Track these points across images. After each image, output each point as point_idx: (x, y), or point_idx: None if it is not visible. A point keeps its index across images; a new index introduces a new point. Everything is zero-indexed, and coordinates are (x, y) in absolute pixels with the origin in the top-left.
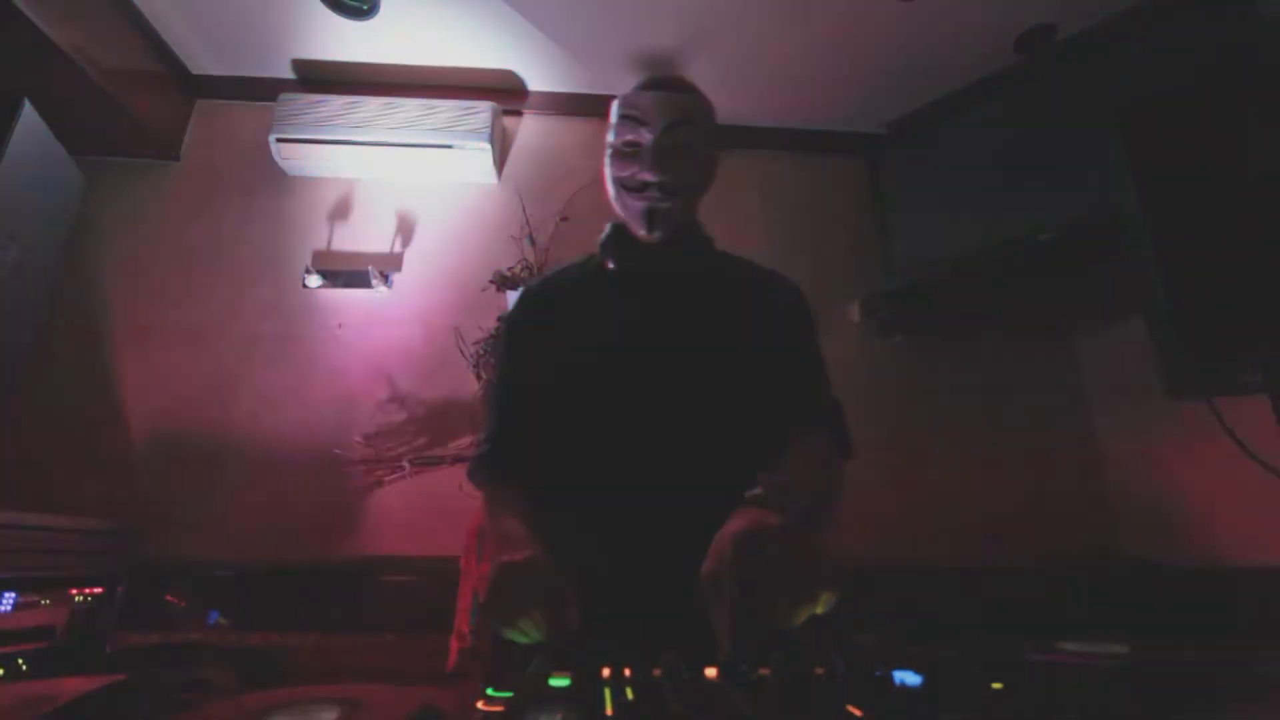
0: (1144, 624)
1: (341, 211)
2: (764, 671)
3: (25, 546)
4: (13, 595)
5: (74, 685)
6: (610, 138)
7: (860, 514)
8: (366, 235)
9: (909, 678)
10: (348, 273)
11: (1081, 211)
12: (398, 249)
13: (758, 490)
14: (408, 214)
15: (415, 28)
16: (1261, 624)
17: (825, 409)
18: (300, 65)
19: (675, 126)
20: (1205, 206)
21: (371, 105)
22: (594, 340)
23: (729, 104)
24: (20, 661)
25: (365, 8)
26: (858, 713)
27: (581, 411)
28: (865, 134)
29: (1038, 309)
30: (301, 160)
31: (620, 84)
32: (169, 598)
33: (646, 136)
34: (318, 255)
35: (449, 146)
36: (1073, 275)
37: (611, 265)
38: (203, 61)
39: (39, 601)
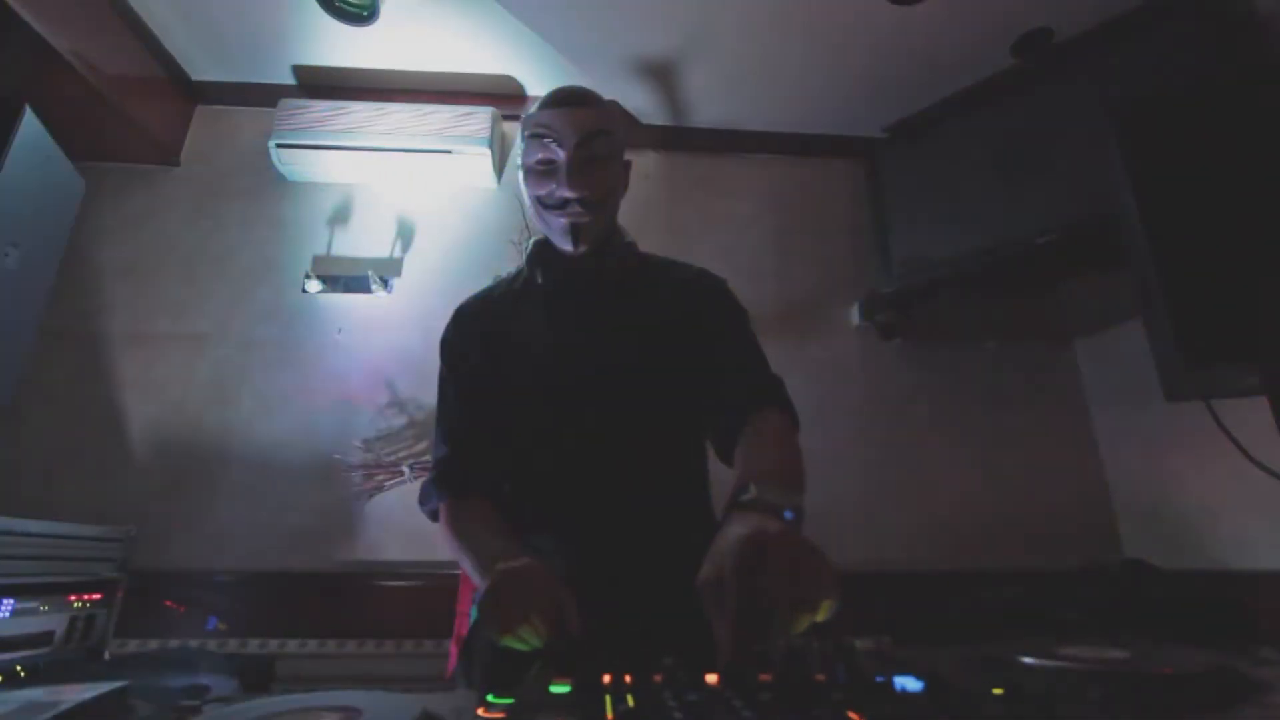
0: (1145, 627)
1: (341, 216)
2: (765, 678)
3: (24, 553)
4: (11, 602)
5: (72, 692)
6: (522, 158)
7: (860, 518)
8: (366, 240)
9: (910, 683)
10: (347, 278)
11: (1079, 214)
12: (397, 254)
13: (752, 493)
14: (407, 219)
15: (415, 33)
16: (1262, 627)
17: (772, 385)
18: (300, 71)
19: (588, 141)
20: (1202, 208)
21: (371, 111)
22: (531, 354)
23: (726, 108)
24: (19, 668)
25: (365, 14)
26: (858, 719)
27: (530, 426)
28: (864, 137)
29: (1036, 312)
30: (301, 165)
31: (620, 89)
32: (168, 604)
33: (560, 154)
34: (317, 260)
35: (448, 151)
36: (1071, 278)
37: (540, 280)
38: (203, 67)
39: (37, 608)
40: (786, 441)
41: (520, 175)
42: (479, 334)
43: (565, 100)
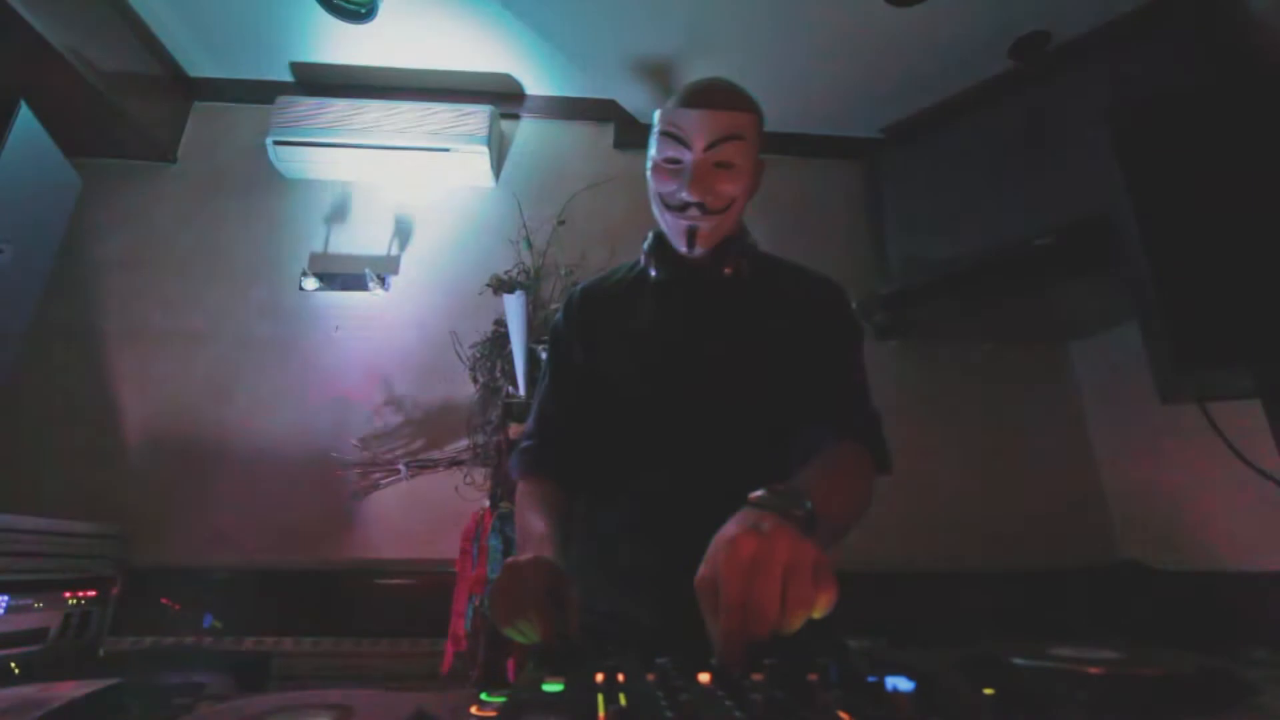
0: (1140, 628)
1: (339, 214)
2: (757, 676)
3: (19, 549)
4: (5, 598)
5: (66, 689)
6: (651, 151)
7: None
8: (363, 238)
9: (902, 683)
10: (344, 275)
11: (1076, 217)
12: (394, 252)
13: (761, 492)
14: (405, 217)
15: (413, 31)
16: (1256, 628)
17: (866, 420)
18: (298, 68)
19: (717, 145)
20: (1198, 212)
21: (369, 108)
22: (636, 348)
23: None
24: (13, 665)
25: (363, 11)
26: (850, 719)
27: (623, 415)
28: (862, 138)
29: (1033, 314)
30: (299, 163)
31: (618, 88)
32: (163, 601)
33: (687, 155)
34: (314, 258)
35: (446, 150)
36: (1067, 280)
37: (654, 274)
38: (200, 64)
39: (32, 604)
40: (853, 473)
41: (647, 168)
42: (588, 322)
43: (701, 100)
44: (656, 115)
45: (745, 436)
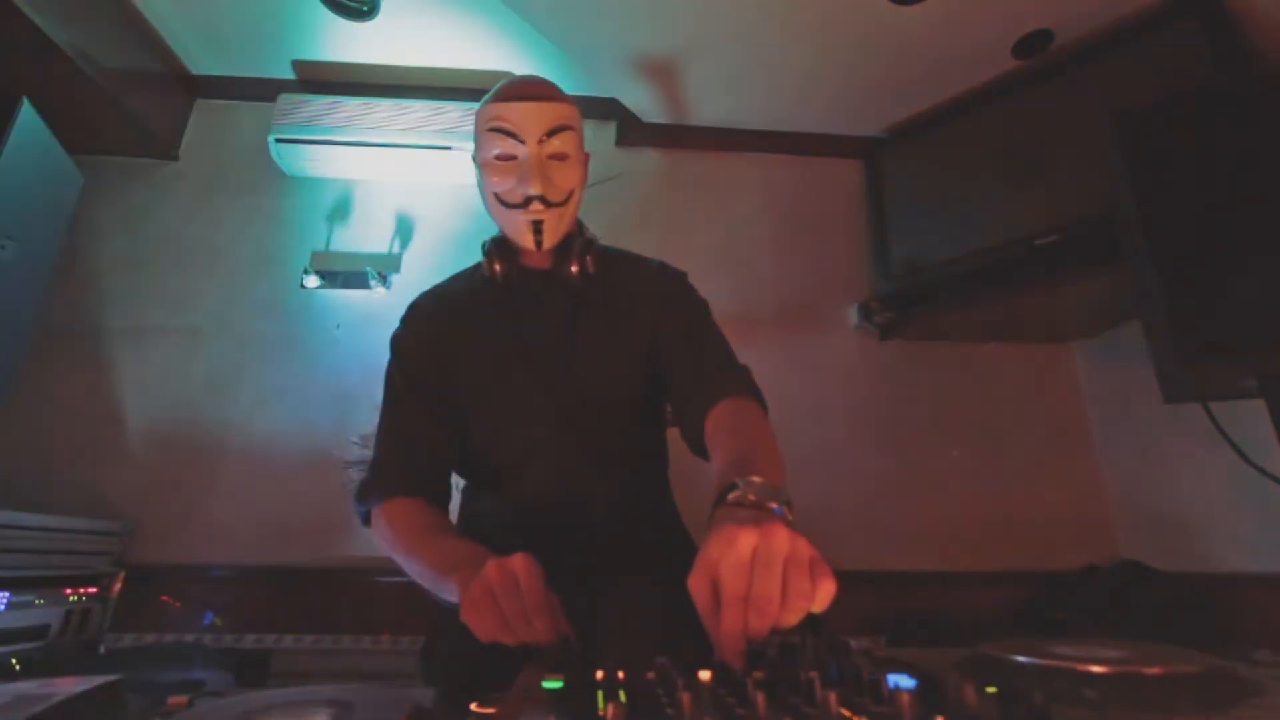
0: (1142, 629)
1: (340, 212)
2: (757, 675)
3: (20, 546)
4: (6, 594)
5: (66, 685)
6: (480, 151)
7: (856, 517)
8: (365, 236)
9: (903, 681)
10: (346, 273)
11: (1079, 216)
12: (396, 250)
13: (738, 489)
14: (406, 215)
15: (415, 29)
16: (1259, 629)
17: (739, 373)
18: (300, 66)
19: (551, 136)
20: (1201, 211)
21: (371, 106)
22: (489, 352)
23: (727, 106)
24: (14, 661)
25: (365, 9)
26: (851, 716)
27: (487, 425)
28: (864, 137)
29: (1035, 313)
30: (300, 161)
31: (620, 86)
32: (164, 598)
33: (521, 149)
34: (316, 256)
35: (448, 148)
36: (1070, 280)
37: (499, 277)
38: (202, 61)
39: (33, 601)
40: (759, 430)
41: (476, 170)
42: (434, 332)
43: (526, 93)
44: (478, 117)
45: (616, 430)
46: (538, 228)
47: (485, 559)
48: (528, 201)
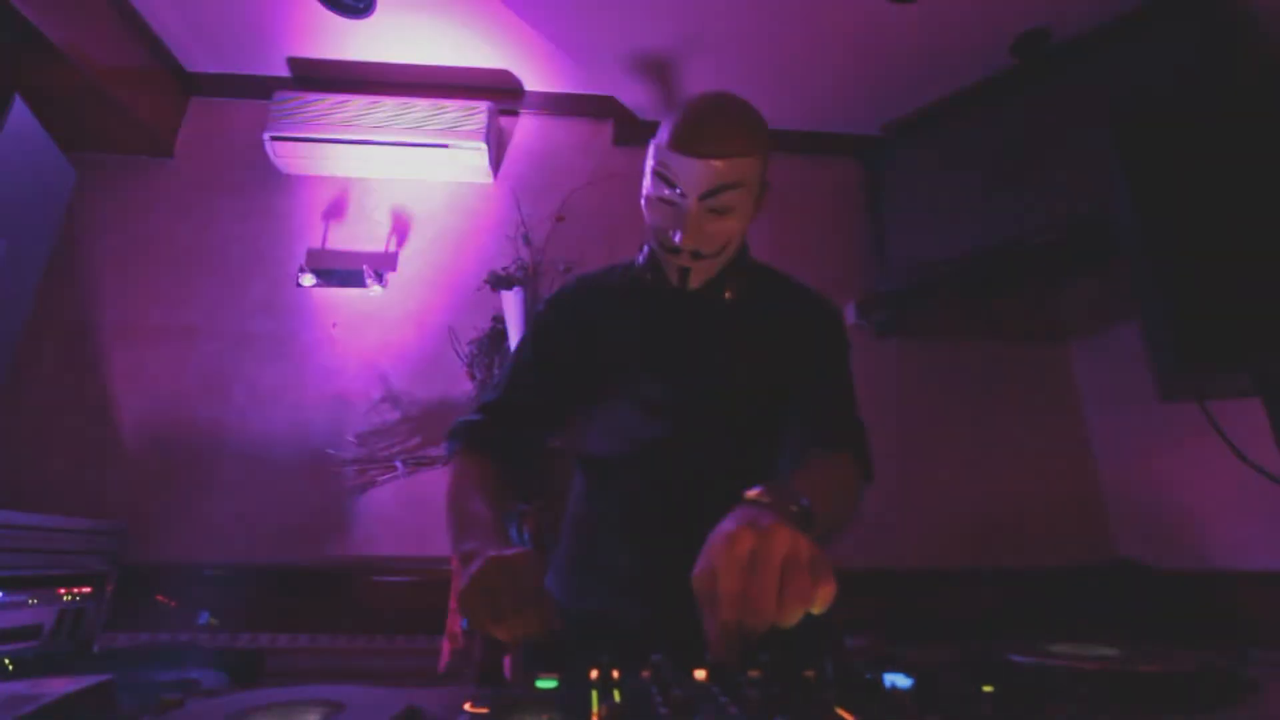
0: (1138, 627)
1: (336, 210)
2: (753, 673)
3: (13, 545)
4: (0, 594)
5: (58, 685)
6: (646, 183)
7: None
8: (361, 234)
9: (899, 680)
10: (342, 272)
11: (1076, 215)
12: (392, 248)
13: (756, 492)
14: (403, 213)
15: (412, 27)
16: (1255, 627)
17: (853, 430)
18: (296, 63)
19: (713, 195)
20: (1198, 210)
21: (367, 104)
22: (625, 351)
23: None
24: (6, 661)
25: (361, 6)
26: (847, 715)
27: (613, 421)
28: (862, 136)
29: (1032, 312)
30: (296, 158)
31: (617, 84)
32: (159, 597)
33: (681, 201)
34: (312, 254)
35: (445, 146)
36: (1067, 278)
37: (650, 280)
38: (198, 58)
39: (26, 600)
40: (837, 479)
41: (642, 196)
42: (578, 317)
43: (697, 146)
44: (651, 148)
45: (736, 445)
46: (684, 275)
47: (484, 548)
48: (678, 251)
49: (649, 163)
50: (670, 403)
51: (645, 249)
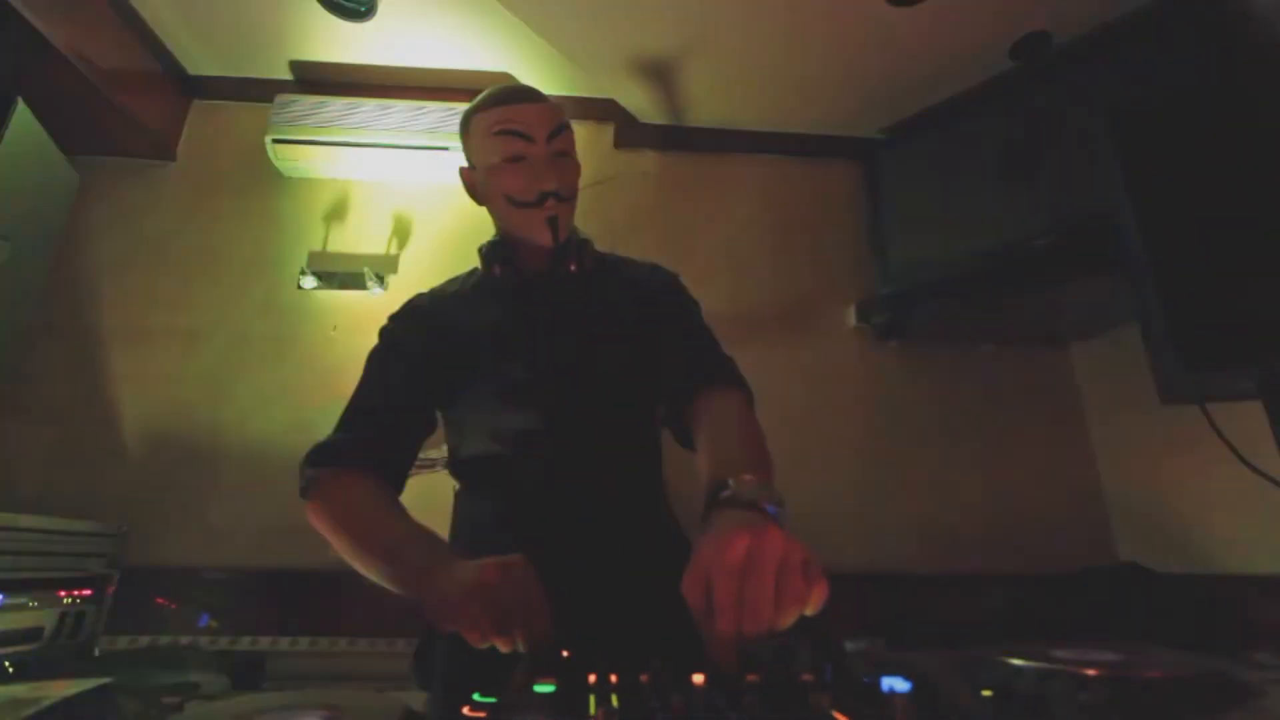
0: (1140, 631)
1: (337, 213)
2: (751, 678)
3: (13, 548)
4: (0, 596)
5: (58, 688)
6: (482, 156)
7: (854, 519)
8: (362, 237)
9: (898, 684)
10: (343, 274)
11: (1077, 217)
12: (394, 251)
13: (730, 489)
14: (404, 216)
15: (413, 30)
16: (1257, 631)
17: (723, 363)
18: (297, 67)
19: (556, 135)
20: (1198, 212)
21: (368, 107)
22: (485, 348)
23: (725, 107)
24: (7, 664)
25: (363, 9)
26: None
27: (482, 420)
28: (862, 138)
29: (1033, 315)
30: (298, 161)
31: (617, 87)
32: (159, 600)
33: (532, 148)
34: (313, 256)
35: (446, 149)
36: (1068, 281)
37: (499, 276)
38: (200, 62)
39: (26, 603)
40: (745, 423)
41: (479, 175)
42: (428, 326)
43: (526, 96)
44: (475, 122)
45: (609, 421)
46: (554, 223)
47: (453, 559)
48: (543, 199)
49: (487, 130)
50: (535, 387)
51: (485, 250)
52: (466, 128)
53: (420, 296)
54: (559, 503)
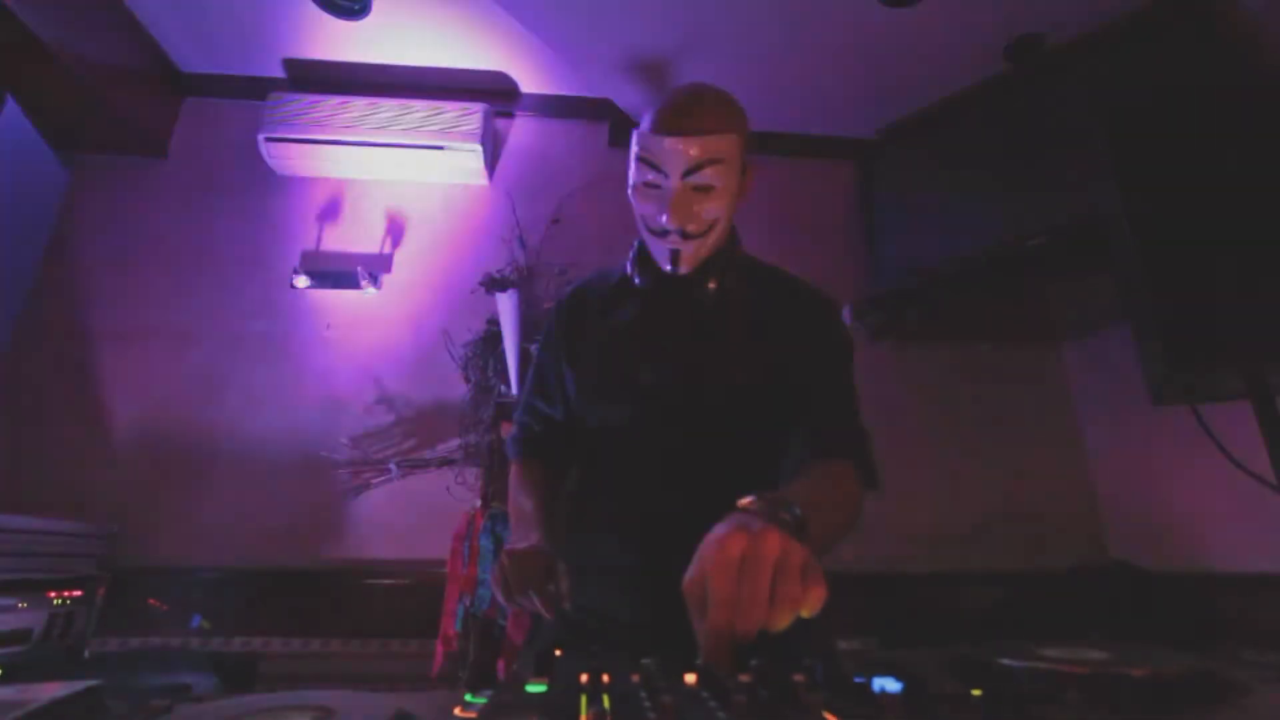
0: (1130, 629)
1: (331, 212)
2: (743, 678)
3: (3, 548)
4: None
5: (45, 690)
6: (630, 173)
7: None
8: (356, 236)
9: (889, 684)
10: (336, 273)
11: (1069, 218)
12: (387, 250)
13: (749, 499)
14: (397, 215)
15: (407, 28)
16: (1246, 629)
17: (854, 437)
18: (291, 64)
19: (694, 171)
20: (1189, 213)
21: (362, 105)
22: (616, 352)
23: None
24: None
25: (357, 7)
26: None
27: (606, 421)
28: (857, 139)
29: (1026, 315)
30: (291, 160)
31: (613, 87)
32: (151, 601)
33: (665, 182)
34: (306, 256)
35: (440, 147)
36: (1060, 281)
37: (639, 282)
38: (192, 59)
39: (16, 604)
40: (840, 488)
41: (629, 189)
42: (574, 322)
43: (674, 125)
44: (634, 137)
45: (732, 442)
46: (675, 257)
47: (527, 536)
48: (666, 233)
49: (633, 151)
50: (661, 396)
51: (633, 250)
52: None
53: (570, 291)
54: (661, 512)
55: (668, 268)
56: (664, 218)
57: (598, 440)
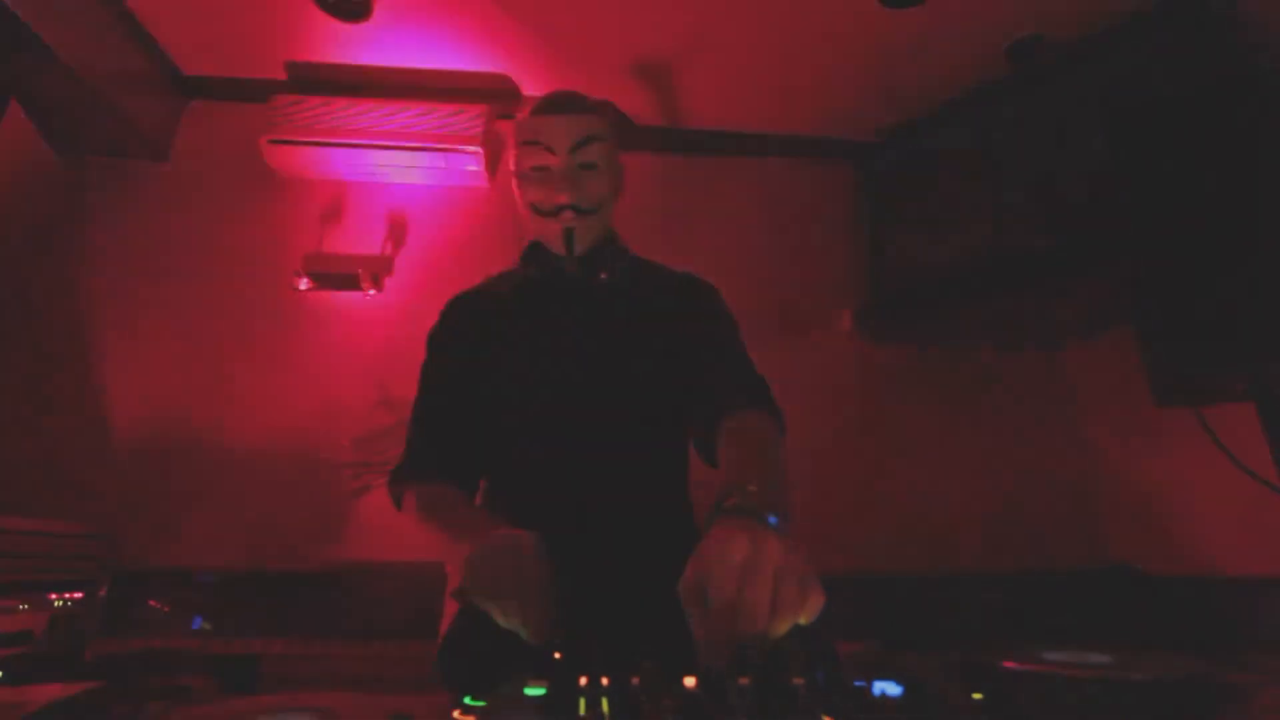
0: (1133, 633)
1: (333, 214)
2: (743, 681)
3: (3, 549)
4: None
5: (48, 692)
6: (515, 164)
7: (849, 521)
8: (357, 238)
9: (889, 688)
10: (338, 275)
11: (1071, 221)
12: (389, 252)
13: (735, 499)
14: (399, 217)
15: (409, 30)
16: (1249, 632)
17: (757, 386)
18: (293, 67)
19: (580, 147)
20: (1193, 216)
21: (364, 108)
22: (519, 351)
23: (722, 110)
24: None
25: (359, 10)
26: None
27: (515, 422)
28: (858, 142)
29: (1028, 317)
30: (293, 162)
31: (615, 90)
32: (152, 603)
33: (554, 160)
34: (308, 258)
35: (442, 149)
36: (1063, 284)
37: (533, 280)
38: (194, 62)
39: (17, 606)
40: (769, 445)
41: (514, 181)
42: (469, 328)
43: (556, 107)
44: (515, 128)
45: (639, 431)
46: (569, 235)
47: (489, 526)
48: (559, 210)
49: (516, 146)
50: (563, 396)
51: (525, 252)
52: (513, 135)
53: (461, 296)
54: (577, 509)
55: (562, 250)
56: (557, 195)
57: (508, 441)
